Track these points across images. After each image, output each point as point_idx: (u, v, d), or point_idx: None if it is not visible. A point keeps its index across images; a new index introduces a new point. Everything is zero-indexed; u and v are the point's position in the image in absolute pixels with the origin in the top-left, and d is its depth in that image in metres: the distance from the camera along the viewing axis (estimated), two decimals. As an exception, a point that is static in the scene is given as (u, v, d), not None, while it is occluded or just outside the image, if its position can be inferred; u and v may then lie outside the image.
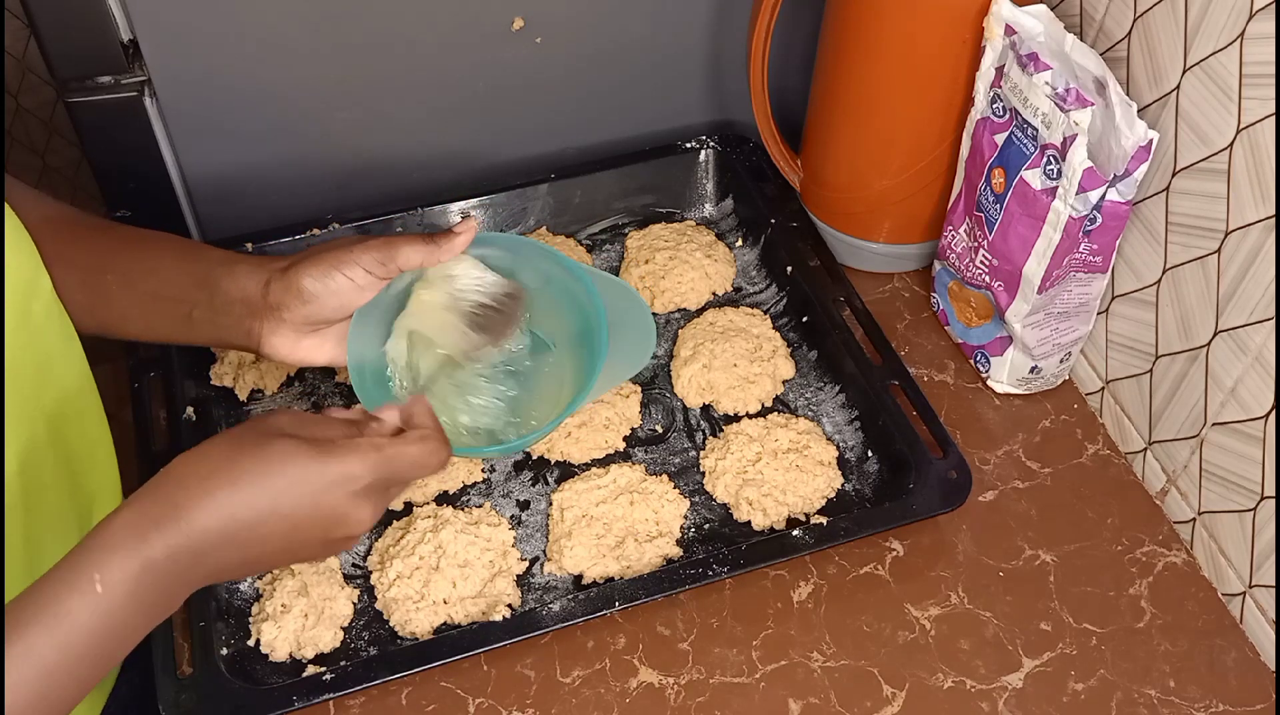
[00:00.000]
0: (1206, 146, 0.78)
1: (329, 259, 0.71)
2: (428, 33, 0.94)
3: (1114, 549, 0.87)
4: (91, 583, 0.55)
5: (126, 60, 0.89)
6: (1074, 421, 0.95)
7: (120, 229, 0.77)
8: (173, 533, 0.57)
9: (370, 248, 0.72)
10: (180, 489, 0.58)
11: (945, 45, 0.88)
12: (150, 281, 0.74)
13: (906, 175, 0.97)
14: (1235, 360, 0.79)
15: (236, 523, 0.59)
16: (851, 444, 0.91)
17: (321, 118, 0.98)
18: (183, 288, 0.73)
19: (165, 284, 0.73)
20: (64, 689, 0.56)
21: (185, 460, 0.60)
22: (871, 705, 0.78)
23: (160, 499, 0.58)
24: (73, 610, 0.55)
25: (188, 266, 0.74)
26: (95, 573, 0.56)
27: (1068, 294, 0.88)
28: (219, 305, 0.72)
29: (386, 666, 0.75)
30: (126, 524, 0.57)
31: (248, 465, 0.59)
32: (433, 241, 0.73)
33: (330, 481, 0.61)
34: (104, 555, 0.56)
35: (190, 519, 0.57)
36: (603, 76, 1.03)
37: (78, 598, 0.55)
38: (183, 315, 0.73)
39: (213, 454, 0.60)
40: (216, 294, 0.72)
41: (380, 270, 0.72)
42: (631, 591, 0.78)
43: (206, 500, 0.58)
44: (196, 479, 0.59)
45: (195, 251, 0.75)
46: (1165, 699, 0.79)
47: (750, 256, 1.04)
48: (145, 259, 0.74)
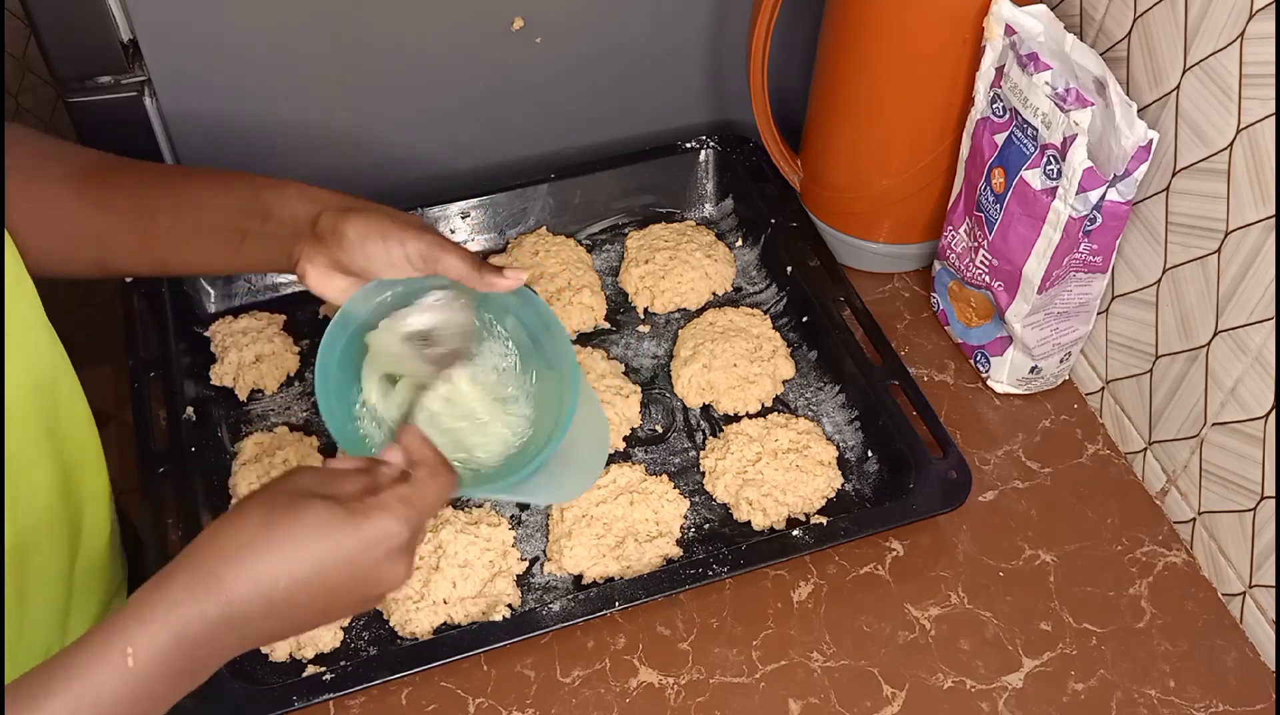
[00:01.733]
0: (1206, 146, 0.78)
1: (380, 224, 0.70)
2: (428, 33, 0.94)
3: (1114, 549, 0.87)
4: (124, 656, 0.55)
5: (126, 60, 0.89)
6: (1074, 421, 0.95)
7: (157, 167, 0.76)
8: (212, 605, 0.56)
9: (422, 238, 0.70)
10: (220, 561, 0.57)
11: (945, 45, 0.88)
12: (199, 213, 0.73)
13: (906, 175, 0.97)
14: (1235, 360, 0.79)
15: (276, 591, 0.58)
16: (851, 444, 0.91)
17: (321, 118, 0.98)
18: (233, 217, 0.73)
19: (215, 214, 0.73)
20: None
21: (220, 530, 0.59)
22: (871, 705, 0.78)
23: (198, 570, 0.57)
24: (103, 683, 0.54)
25: (236, 194, 0.73)
26: (128, 646, 0.55)
27: (1068, 294, 0.88)
28: (270, 229, 0.72)
29: (386, 666, 0.75)
30: (164, 596, 0.56)
31: (286, 531, 0.58)
32: (478, 268, 0.71)
33: (367, 543, 0.60)
34: (138, 627, 0.55)
35: (232, 590, 0.57)
36: (603, 76, 1.03)
37: (108, 671, 0.54)
38: (234, 243, 0.73)
39: (248, 522, 0.59)
40: (269, 219, 0.72)
41: (419, 263, 0.71)
42: (631, 591, 0.78)
43: (248, 571, 0.57)
44: (235, 548, 0.58)
45: (240, 179, 0.74)
46: (1165, 699, 0.79)
47: (750, 256, 1.04)
48: (191, 192, 0.74)
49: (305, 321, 0.98)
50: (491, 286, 0.72)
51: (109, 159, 0.76)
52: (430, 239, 0.71)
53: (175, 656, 0.56)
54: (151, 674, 0.55)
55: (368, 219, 0.70)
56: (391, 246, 0.70)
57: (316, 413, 0.92)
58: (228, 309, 0.98)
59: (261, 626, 0.59)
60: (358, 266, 0.71)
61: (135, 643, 0.55)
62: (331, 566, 0.59)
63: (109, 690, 0.54)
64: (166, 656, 0.56)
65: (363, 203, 0.72)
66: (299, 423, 0.92)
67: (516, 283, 0.72)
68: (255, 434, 0.90)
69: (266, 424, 0.92)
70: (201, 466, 0.86)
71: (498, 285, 0.72)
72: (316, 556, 0.59)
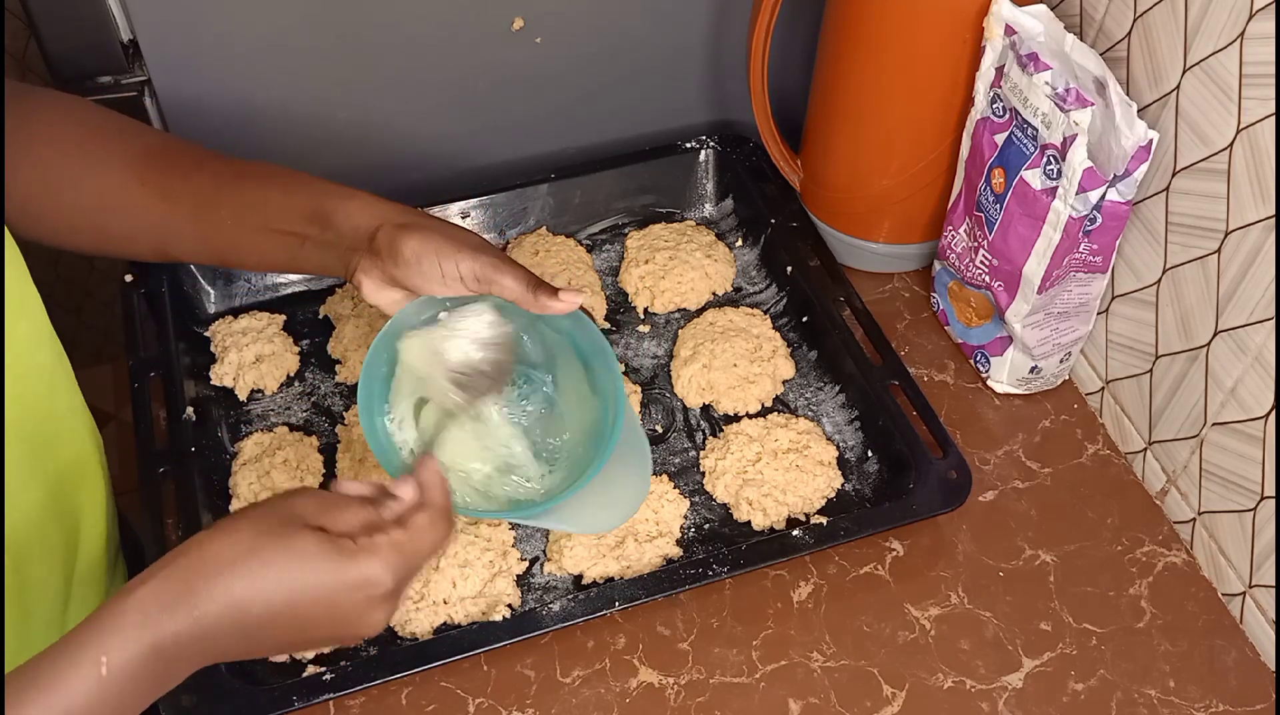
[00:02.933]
0: (1206, 146, 0.78)
1: (437, 242, 0.70)
2: (428, 33, 0.94)
3: (1114, 549, 0.87)
4: (97, 665, 0.54)
5: (126, 60, 0.89)
6: (1074, 421, 0.95)
7: (222, 161, 0.76)
8: (184, 620, 0.56)
9: (479, 258, 0.70)
10: (199, 577, 0.57)
11: (945, 45, 0.88)
12: (260, 215, 0.73)
13: (906, 175, 0.97)
14: (1235, 360, 0.79)
15: (249, 617, 0.57)
16: (851, 444, 0.91)
17: (321, 118, 0.98)
18: (294, 221, 0.73)
19: (277, 217, 0.73)
20: None
21: (204, 544, 0.58)
22: (871, 705, 0.78)
23: (175, 582, 0.57)
24: (74, 690, 0.54)
25: (299, 199, 0.73)
26: (102, 655, 0.55)
27: (1068, 294, 0.88)
28: (330, 238, 0.72)
29: (386, 666, 0.75)
30: (139, 606, 0.56)
31: (270, 559, 0.58)
32: (534, 289, 0.71)
33: (349, 585, 0.59)
34: (111, 638, 0.55)
35: (204, 608, 0.56)
36: (603, 76, 1.03)
37: (80, 678, 0.54)
38: (294, 246, 0.73)
39: (232, 541, 0.58)
40: (329, 228, 0.72)
41: (474, 283, 0.71)
42: (631, 591, 0.78)
43: (222, 592, 0.57)
44: (217, 567, 0.57)
45: (304, 184, 0.74)
46: (1165, 699, 0.79)
47: (750, 256, 1.04)
48: (254, 192, 0.74)
49: (305, 321, 0.98)
50: (546, 309, 0.71)
51: (171, 144, 0.76)
52: (486, 259, 0.70)
53: (146, 667, 0.56)
54: (123, 682, 0.55)
55: (424, 237, 0.70)
56: (447, 265, 0.70)
57: (316, 413, 0.92)
58: (228, 309, 0.98)
59: (230, 647, 0.58)
60: (412, 283, 0.71)
61: (109, 652, 0.55)
62: (308, 602, 0.58)
63: (81, 697, 0.54)
64: (138, 667, 0.55)
65: (423, 218, 0.72)
66: (299, 423, 0.92)
67: (572, 306, 0.72)
68: (255, 434, 0.90)
69: (266, 424, 0.92)
70: (201, 466, 0.86)
71: (552, 307, 0.71)
72: (295, 589, 0.58)
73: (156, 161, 0.74)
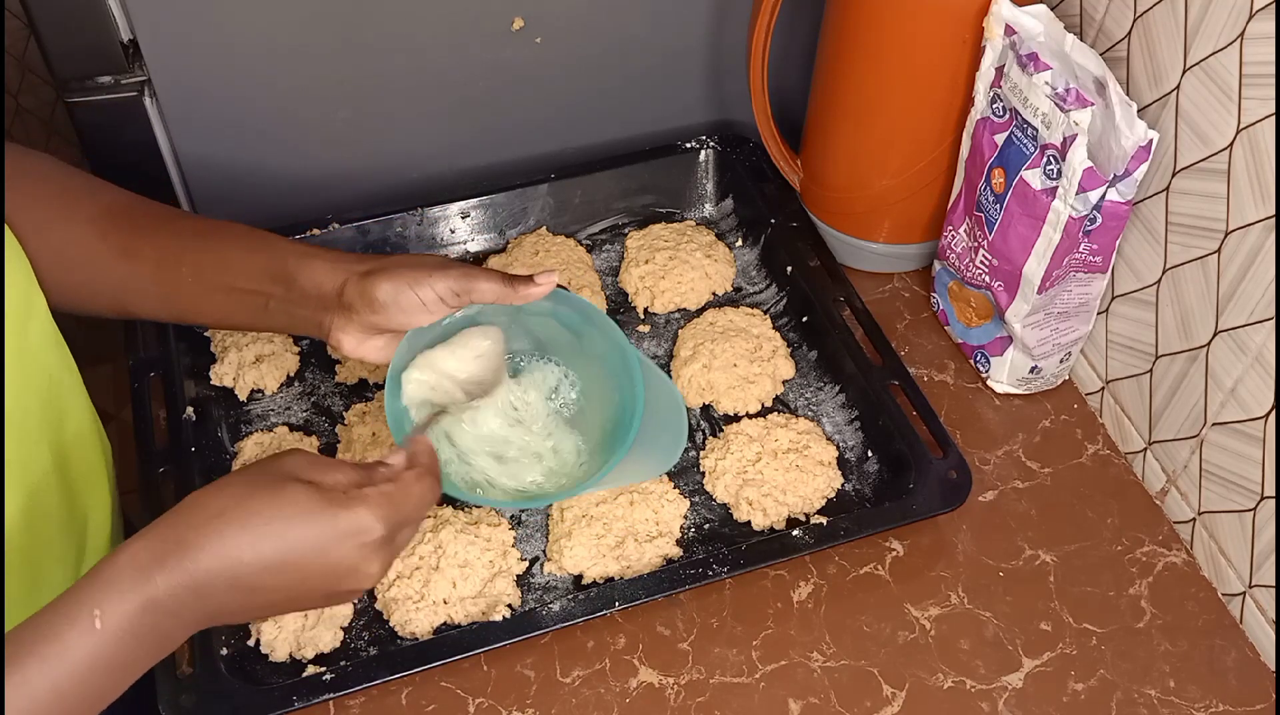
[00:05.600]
0: (1206, 146, 0.78)
1: (407, 275, 0.71)
2: (428, 33, 0.94)
3: (1114, 549, 0.87)
4: (91, 619, 0.55)
5: (126, 60, 0.89)
6: (1074, 421, 0.95)
7: (186, 219, 0.76)
8: (177, 572, 0.56)
9: (449, 274, 0.71)
10: (189, 528, 0.58)
11: (945, 45, 0.88)
12: (224, 274, 0.73)
13: (906, 175, 0.97)
14: (1235, 360, 0.79)
15: (242, 566, 0.58)
16: (851, 444, 0.91)
17: (321, 118, 0.98)
18: (257, 280, 0.73)
19: (239, 277, 0.73)
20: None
21: (197, 498, 0.59)
22: (871, 705, 0.78)
23: (168, 537, 0.57)
24: (70, 645, 0.55)
25: (261, 260, 0.73)
26: (96, 609, 0.55)
27: (1068, 294, 0.88)
28: (294, 298, 0.72)
29: (386, 666, 0.75)
30: (132, 560, 0.56)
31: (259, 509, 0.58)
32: (510, 283, 0.72)
33: (342, 533, 0.60)
34: (106, 592, 0.56)
35: (195, 559, 0.57)
36: (603, 76, 1.03)
37: (76, 633, 0.55)
38: (258, 306, 0.73)
39: (224, 494, 0.59)
40: (292, 288, 0.72)
41: (453, 299, 0.72)
42: (631, 591, 0.78)
43: (214, 541, 0.57)
44: (205, 518, 0.58)
45: (266, 244, 0.74)
46: (1165, 699, 0.79)
47: (750, 256, 1.04)
48: (216, 251, 0.74)
49: (305, 321, 0.98)
50: (528, 297, 0.73)
51: (136, 203, 0.76)
52: (456, 273, 0.71)
53: (142, 622, 0.56)
54: (119, 638, 0.56)
55: (393, 275, 0.71)
56: (422, 292, 0.71)
57: (316, 413, 0.92)
58: (228, 309, 0.98)
59: (225, 600, 0.59)
60: (396, 323, 0.71)
61: (103, 606, 0.55)
62: (300, 552, 0.59)
63: (80, 653, 0.55)
64: (134, 622, 0.56)
65: (382, 260, 0.72)
66: (299, 423, 0.92)
67: (549, 285, 0.73)
68: (255, 434, 0.90)
69: (266, 424, 0.92)
70: (201, 466, 0.86)
71: (533, 294, 0.73)
72: (286, 538, 0.58)
73: (120, 220, 0.74)
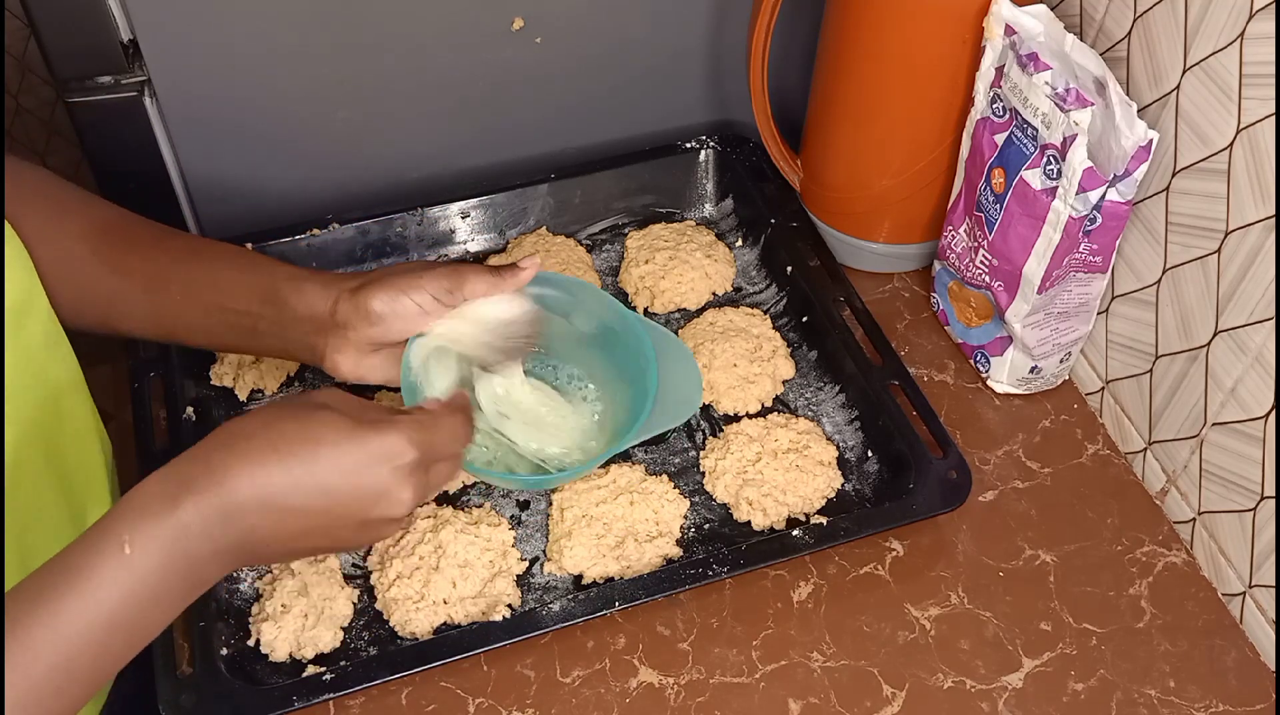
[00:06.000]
0: (1206, 146, 0.78)
1: (398, 283, 0.71)
2: (428, 33, 0.94)
3: (1114, 549, 0.87)
4: (120, 546, 0.54)
5: (126, 60, 0.89)
6: (1074, 421, 0.95)
7: (179, 238, 0.76)
8: (206, 494, 0.55)
9: (439, 275, 0.72)
10: (218, 451, 0.57)
11: (945, 45, 0.88)
12: (214, 295, 0.73)
13: (906, 175, 0.97)
14: (1235, 360, 0.79)
15: (273, 488, 0.57)
16: (851, 444, 0.91)
17: (321, 118, 0.98)
18: (248, 302, 0.72)
19: (229, 298, 0.73)
20: (91, 656, 0.54)
21: (226, 426, 0.59)
22: (871, 705, 0.78)
23: (196, 461, 0.57)
24: (101, 576, 0.53)
25: (252, 281, 0.73)
26: (124, 535, 0.54)
27: (1068, 294, 0.88)
28: (286, 321, 0.72)
29: (386, 666, 0.75)
30: (160, 487, 0.56)
31: (290, 431, 0.58)
32: (499, 275, 0.73)
33: (373, 456, 0.59)
34: (135, 519, 0.54)
35: (225, 481, 0.56)
36: (603, 76, 1.03)
37: (106, 563, 0.53)
38: (247, 328, 0.73)
39: (255, 420, 0.59)
40: (284, 310, 0.72)
41: (447, 298, 0.72)
42: (631, 591, 0.78)
43: (244, 463, 0.56)
44: (234, 440, 0.57)
45: (258, 265, 0.74)
46: (1165, 699, 0.79)
47: (750, 256, 1.04)
48: (207, 272, 0.74)
49: (305, 321, 0.98)
50: (517, 284, 0.74)
51: (130, 220, 0.76)
52: (445, 271, 0.72)
53: (174, 552, 0.55)
54: (151, 567, 0.54)
55: (383, 285, 0.71)
56: (417, 296, 0.71)
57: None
58: (228, 309, 0.98)
59: (256, 526, 0.57)
60: (395, 333, 0.71)
61: (132, 534, 0.54)
62: (330, 475, 0.58)
63: (111, 585, 0.53)
64: (164, 549, 0.54)
65: (369, 274, 0.73)
66: (299, 423, 0.92)
67: (534, 267, 0.75)
68: (255, 434, 0.90)
69: (266, 424, 0.91)
70: (201, 466, 0.86)
71: (521, 279, 0.74)
72: (316, 462, 0.58)
73: (112, 235, 0.74)
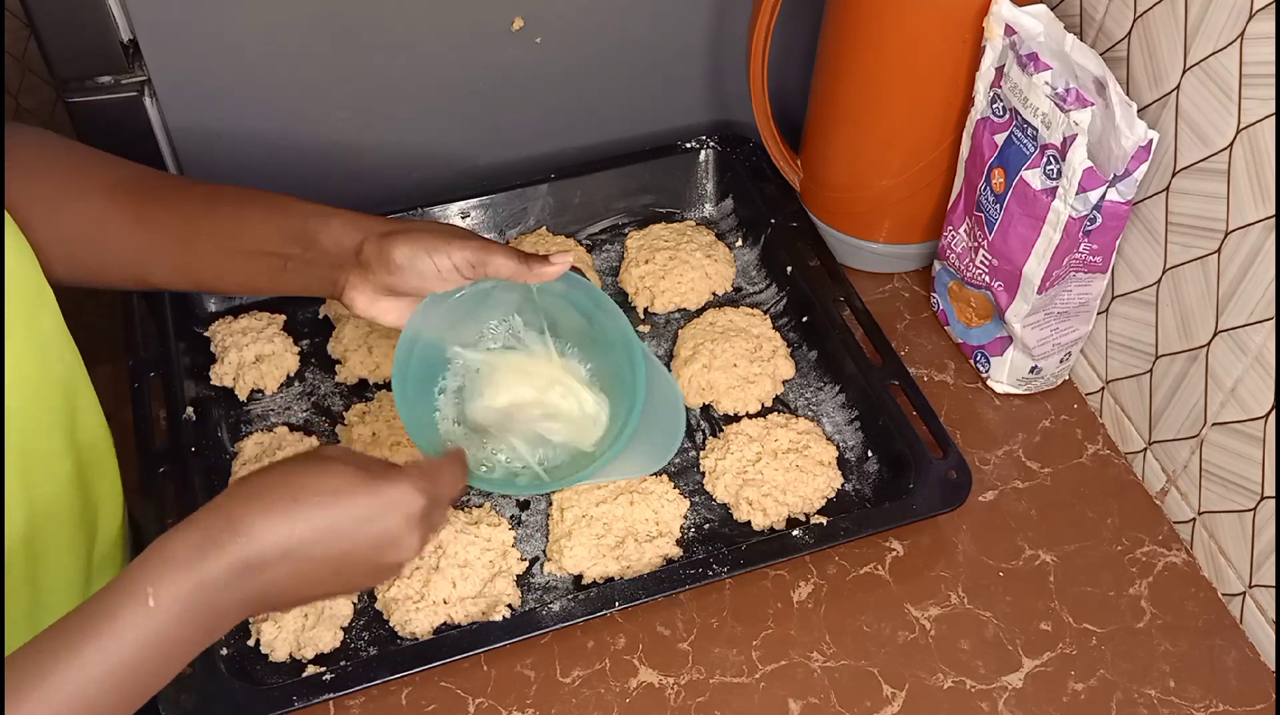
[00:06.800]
0: (1206, 146, 0.78)
1: (425, 241, 0.71)
2: (427, 33, 0.94)
3: (1114, 549, 0.87)
4: (144, 597, 0.56)
5: (126, 60, 0.89)
6: (1074, 421, 0.95)
7: (202, 187, 0.76)
8: (230, 548, 0.57)
9: (468, 245, 0.72)
10: (239, 505, 0.59)
11: (945, 45, 0.88)
12: (243, 238, 0.74)
13: (906, 175, 0.97)
14: (1235, 360, 0.79)
15: (294, 539, 0.59)
16: (851, 444, 0.91)
17: (322, 119, 0.98)
18: (276, 242, 0.73)
19: (259, 240, 0.73)
20: (110, 701, 0.56)
21: (244, 482, 0.60)
22: (871, 705, 0.78)
23: (218, 515, 0.59)
24: (125, 625, 0.55)
25: (279, 221, 0.73)
26: (149, 587, 0.56)
27: (1068, 294, 0.88)
28: (313, 257, 0.73)
29: (386, 666, 0.75)
30: (186, 541, 0.57)
31: (307, 483, 0.60)
32: (526, 261, 0.73)
33: (386, 504, 0.61)
34: (160, 571, 0.56)
35: (250, 534, 0.58)
36: (603, 76, 1.03)
37: (130, 613, 0.56)
38: (276, 268, 0.73)
39: (271, 474, 0.61)
40: (312, 247, 0.72)
41: (469, 270, 0.72)
42: (631, 591, 0.78)
43: (267, 516, 0.59)
44: (255, 495, 0.59)
45: (283, 205, 0.75)
46: (1165, 699, 0.79)
47: (750, 256, 1.04)
48: (235, 217, 0.74)
49: (305, 321, 0.98)
50: (542, 277, 0.74)
51: (150, 174, 0.76)
52: (475, 244, 0.72)
53: (196, 601, 0.57)
54: (173, 618, 0.56)
55: (412, 239, 0.71)
56: (440, 259, 0.71)
57: (316, 413, 0.92)
58: (228, 309, 0.98)
59: (278, 576, 0.59)
60: (410, 287, 0.72)
61: (157, 586, 0.56)
62: (347, 524, 0.60)
63: (135, 633, 0.56)
64: (187, 601, 0.57)
65: (403, 223, 0.73)
66: (299, 423, 0.92)
67: (564, 266, 0.74)
68: (255, 434, 0.90)
69: (266, 424, 0.92)
70: (201, 466, 0.86)
71: (547, 273, 0.74)
72: (334, 512, 0.60)
73: (135, 190, 0.74)
